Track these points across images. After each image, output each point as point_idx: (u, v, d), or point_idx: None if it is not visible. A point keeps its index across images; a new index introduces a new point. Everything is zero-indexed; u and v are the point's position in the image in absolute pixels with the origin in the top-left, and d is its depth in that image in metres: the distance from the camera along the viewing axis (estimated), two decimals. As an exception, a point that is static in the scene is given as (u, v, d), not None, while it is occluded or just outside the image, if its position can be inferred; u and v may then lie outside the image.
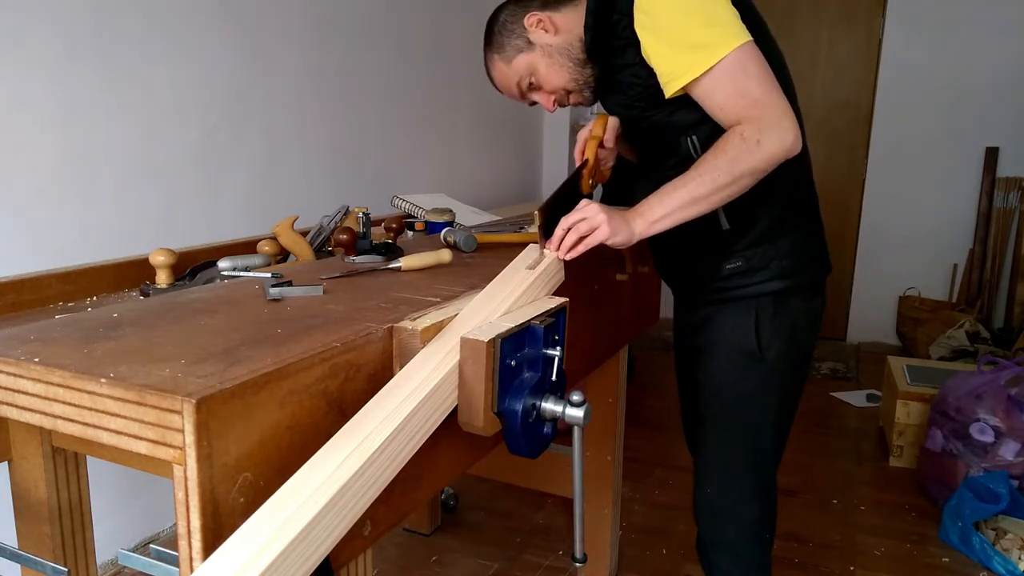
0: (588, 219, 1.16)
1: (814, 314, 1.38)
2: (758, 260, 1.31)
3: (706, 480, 1.43)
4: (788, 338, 1.34)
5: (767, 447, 1.40)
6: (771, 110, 1.13)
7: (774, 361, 1.34)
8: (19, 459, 1.10)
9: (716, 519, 1.43)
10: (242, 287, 1.09)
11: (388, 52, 3.04)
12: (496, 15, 1.36)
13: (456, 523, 2.40)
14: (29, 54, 1.78)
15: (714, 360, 1.38)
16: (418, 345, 0.89)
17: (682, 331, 1.51)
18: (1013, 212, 4.02)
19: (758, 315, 1.32)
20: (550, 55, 1.30)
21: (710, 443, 1.42)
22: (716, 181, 1.14)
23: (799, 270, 1.33)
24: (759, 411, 1.37)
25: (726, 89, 1.15)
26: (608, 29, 1.25)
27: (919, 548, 2.29)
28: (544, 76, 1.32)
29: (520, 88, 1.35)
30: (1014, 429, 2.37)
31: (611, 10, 1.23)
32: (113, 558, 2.02)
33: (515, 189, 4.34)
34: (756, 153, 1.13)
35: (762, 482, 1.41)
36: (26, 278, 1.18)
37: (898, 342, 4.29)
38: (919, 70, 4.07)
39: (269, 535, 0.62)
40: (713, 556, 1.45)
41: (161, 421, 0.65)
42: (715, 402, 1.39)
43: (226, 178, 2.34)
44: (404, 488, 0.88)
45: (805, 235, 1.35)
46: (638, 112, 1.31)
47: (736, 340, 1.34)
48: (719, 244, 1.32)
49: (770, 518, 1.45)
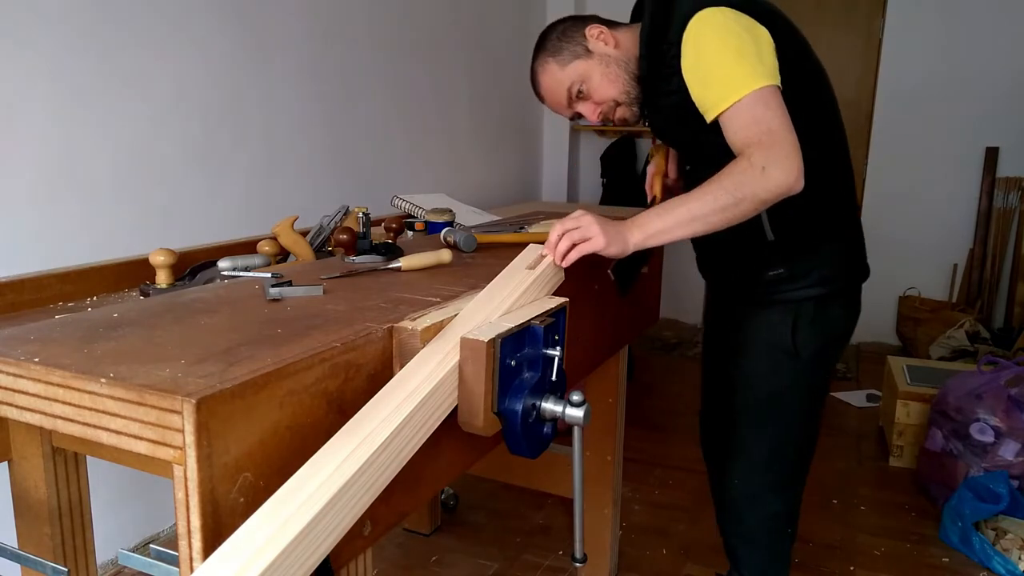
0: (581, 228, 1.17)
1: (850, 322, 1.44)
2: (801, 267, 1.36)
3: (734, 471, 1.47)
4: (823, 341, 1.40)
5: (795, 442, 1.45)
6: (782, 144, 1.16)
7: (808, 360, 1.39)
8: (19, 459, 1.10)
9: (742, 510, 1.47)
10: (242, 287, 1.09)
11: (388, 52, 3.04)
12: (554, 25, 1.40)
13: (456, 523, 2.40)
14: (29, 53, 1.78)
15: (748, 356, 1.43)
16: (418, 345, 0.89)
17: (716, 329, 1.57)
18: (1013, 212, 4.02)
19: (797, 318, 1.37)
20: (607, 64, 1.33)
21: (740, 436, 1.46)
22: (717, 201, 1.16)
23: (839, 277, 1.38)
24: (790, 406, 1.42)
25: (744, 117, 1.18)
26: (658, 56, 1.29)
27: (919, 548, 2.29)
28: (597, 84, 1.34)
29: (570, 94, 1.36)
30: (1014, 429, 2.37)
31: (662, 39, 1.27)
32: (113, 558, 2.02)
33: (515, 189, 4.35)
34: (760, 180, 1.15)
35: (788, 477, 1.46)
36: (26, 278, 1.18)
37: (898, 342, 4.28)
38: (919, 70, 4.07)
39: (269, 535, 0.62)
40: (736, 546, 1.50)
41: (161, 421, 0.65)
42: (748, 396, 1.44)
43: (226, 178, 2.34)
44: (404, 488, 0.88)
45: (846, 243, 1.40)
46: (687, 135, 1.36)
47: (773, 338, 1.39)
48: (763, 252, 1.36)
49: (793, 514, 1.50)
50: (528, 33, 4.27)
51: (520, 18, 4.17)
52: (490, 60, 3.88)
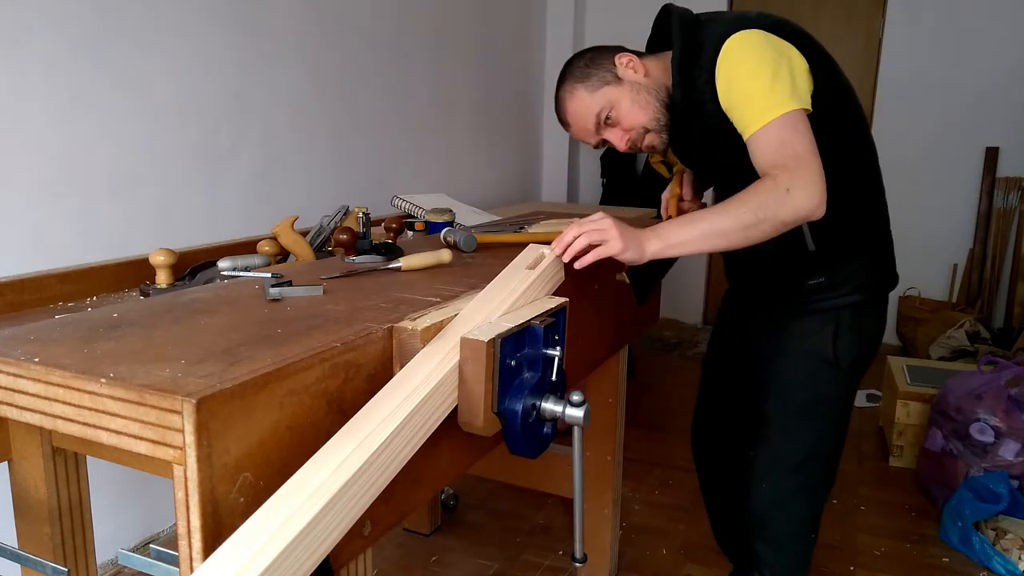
0: (601, 230, 1.17)
1: (883, 328, 1.46)
2: (840, 276, 1.37)
3: (763, 476, 1.47)
4: (860, 348, 1.41)
5: (827, 450, 1.45)
6: (808, 169, 1.17)
7: (848, 369, 1.40)
8: (19, 459, 1.10)
9: (770, 515, 1.46)
10: (242, 287, 1.09)
11: (388, 52, 3.04)
12: (580, 54, 1.39)
13: (456, 523, 2.40)
14: (29, 54, 1.78)
15: (787, 364, 1.42)
16: (418, 345, 0.89)
17: (739, 337, 1.56)
18: (1013, 212, 4.02)
19: (838, 326, 1.38)
20: (637, 91, 1.33)
21: (773, 441, 1.45)
22: (740, 219, 1.17)
23: (873, 284, 1.40)
24: (827, 414, 1.43)
25: (771, 139, 1.19)
26: (689, 82, 1.28)
27: (919, 548, 2.29)
28: (627, 111, 1.33)
29: (598, 120, 1.35)
30: (1014, 429, 2.37)
31: (693, 65, 1.27)
32: (113, 558, 2.02)
33: (515, 189, 4.34)
34: (783, 202, 1.16)
35: (818, 483, 1.46)
36: (26, 278, 1.18)
37: (898, 342, 4.28)
38: (919, 70, 4.07)
39: (269, 535, 0.62)
40: (760, 550, 1.48)
41: (161, 421, 0.65)
42: (785, 403, 1.43)
43: (226, 178, 2.34)
44: (404, 488, 0.88)
45: (880, 252, 1.42)
46: (716, 157, 1.36)
47: (813, 346, 1.39)
48: (803, 263, 1.37)
49: (818, 520, 1.49)
50: (528, 33, 4.27)
51: (520, 18, 4.17)
52: (490, 60, 3.88)
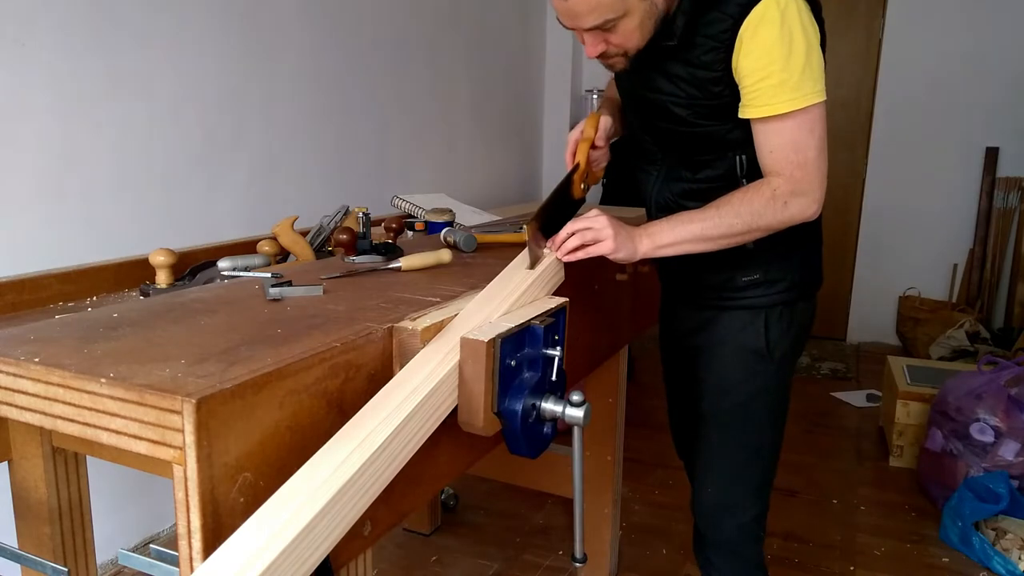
0: (595, 230, 1.17)
1: (811, 320, 1.43)
2: (774, 273, 1.34)
3: (707, 479, 1.44)
4: (793, 340, 1.38)
5: (769, 445, 1.41)
6: (812, 178, 1.16)
7: (780, 361, 1.37)
8: (19, 459, 1.10)
9: (717, 518, 1.43)
10: (242, 287, 1.09)
11: (388, 52, 3.04)
12: None
13: (456, 523, 2.40)
14: (29, 54, 1.78)
15: (719, 359, 1.39)
16: (418, 345, 0.89)
17: (678, 331, 1.51)
18: (1013, 212, 4.02)
19: (768, 319, 1.35)
20: (649, 16, 1.18)
21: (713, 442, 1.42)
22: (732, 227, 1.16)
23: (806, 280, 1.38)
24: (765, 409, 1.39)
25: (785, 138, 1.16)
26: (700, 20, 1.18)
27: (919, 548, 2.28)
28: (630, 30, 1.18)
29: (604, 21, 1.16)
30: (1014, 429, 2.37)
31: (711, 5, 1.16)
32: (113, 558, 2.02)
33: (515, 189, 4.34)
34: (780, 213, 1.16)
35: (763, 480, 1.42)
36: (26, 278, 1.18)
37: (898, 342, 4.28)
38: (919, 70, 4.07)
39: (269, 535, 0.62)
40: (712, 556, 1.45)
41: (161, 421, 0.65)
42: (722, 400, 1.40)
43: (226, 178, 2.34)
44: (404, 488, 0.88)
45: (813, 249, 1.40)
46: (690, 114, 1.25)
47: (744, 340, 1.36)
48: (739, 259, 1.34)
49: (765, 516, 1.46)
50: (528, 33, 4.27)
51: (520, 18, 4.17)
52: (490, 60, 3.88)
